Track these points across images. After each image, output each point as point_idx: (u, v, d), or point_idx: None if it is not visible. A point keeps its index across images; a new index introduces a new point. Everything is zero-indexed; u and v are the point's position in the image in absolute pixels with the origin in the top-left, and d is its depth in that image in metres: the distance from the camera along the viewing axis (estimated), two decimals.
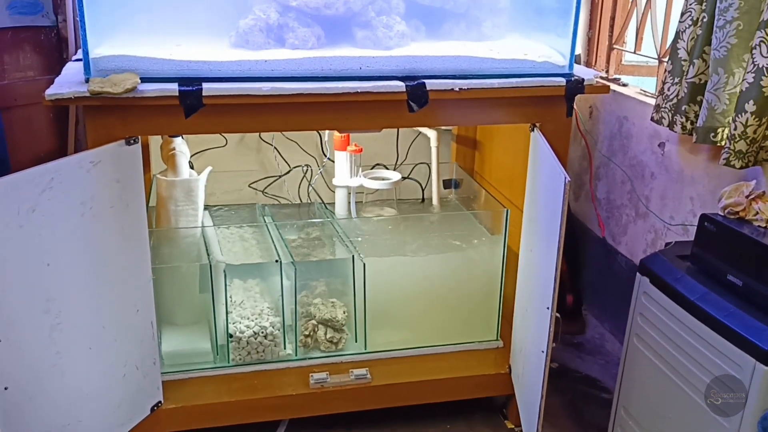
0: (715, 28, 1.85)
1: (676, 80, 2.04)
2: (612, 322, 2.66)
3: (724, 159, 1.83)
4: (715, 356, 1.53)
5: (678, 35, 2.03)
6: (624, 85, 2.63)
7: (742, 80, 1.81)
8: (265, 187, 2.65)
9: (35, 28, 2.43)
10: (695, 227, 1.73)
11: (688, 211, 2.20)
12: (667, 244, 1.92)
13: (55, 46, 2.57)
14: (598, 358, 2.53)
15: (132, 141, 1.67)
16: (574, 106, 1.92)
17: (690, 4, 1.98)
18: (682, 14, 2.01)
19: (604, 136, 2.64)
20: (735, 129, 1.80)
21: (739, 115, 1.78)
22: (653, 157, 2.35)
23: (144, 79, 1.65)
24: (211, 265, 2.01)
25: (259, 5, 1.82)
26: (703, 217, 1.70)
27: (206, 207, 2.30)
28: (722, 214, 1.70)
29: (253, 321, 2.09)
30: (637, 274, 1.82)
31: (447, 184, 2.68)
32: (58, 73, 1.80)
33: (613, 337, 2.63)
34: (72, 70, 1.80)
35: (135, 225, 1.72)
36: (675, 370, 1.67)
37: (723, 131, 1.88)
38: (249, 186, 2.64)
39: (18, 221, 1.45)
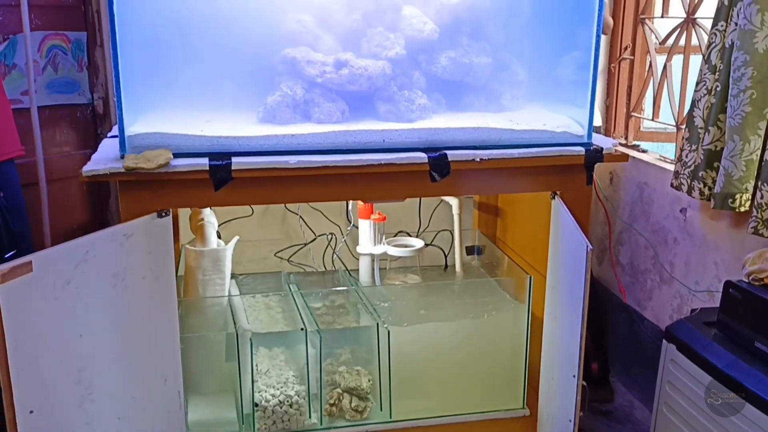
0: (729, 97, 1.89)
1: (693, 147, 2.07)
2: (641, 388, 2.62)
3: (752, 228, 1.83)
4: (747, 425, 1.50)
5: (694, 104, 2.07)
6: (644, 151, 2.66)
7: (762, 148, 1.83)
8: (291, 256, 2.69)
9: (72, 105, 2.54)
10: (720, 293, 1.73)
11: (713, 277, 2.19)
12: (692, 311, 1.91)
13: (90, 122, 2.68)
14: (628, 426, 2.48)
15: (164, 213, 1.73)
16: (594, 173, 1.95)
17: (704, 74, 2.03)
18: (697, 84, 2.06)
19: (625, 202, 2.66)
20: (762, 198, 1.81)
21: (764, 185, 1.80)
22: (675, 222, 2.36)
23: (176, 155, 1.71)
24: (237, 334, 2.03)
25: (286, 82, 1.89)
26: (728, 284, 1.70)
27: (233, 275, 2.34)
28: (747, 280, 1.69)
29: (278, 389, 2.09)
30: (664, 341, 1.81)
31: (470, 250, 2.69)
32: (93, 147, 1.87)
33: (642, 404, 2.58)
34: (107, 146, 1.87)
35: (165, 295, 1.76)
36: None
37: (741, 197, 1.89)
38: (274, 255, 2.68)
39: (54, 294, 1.49)
